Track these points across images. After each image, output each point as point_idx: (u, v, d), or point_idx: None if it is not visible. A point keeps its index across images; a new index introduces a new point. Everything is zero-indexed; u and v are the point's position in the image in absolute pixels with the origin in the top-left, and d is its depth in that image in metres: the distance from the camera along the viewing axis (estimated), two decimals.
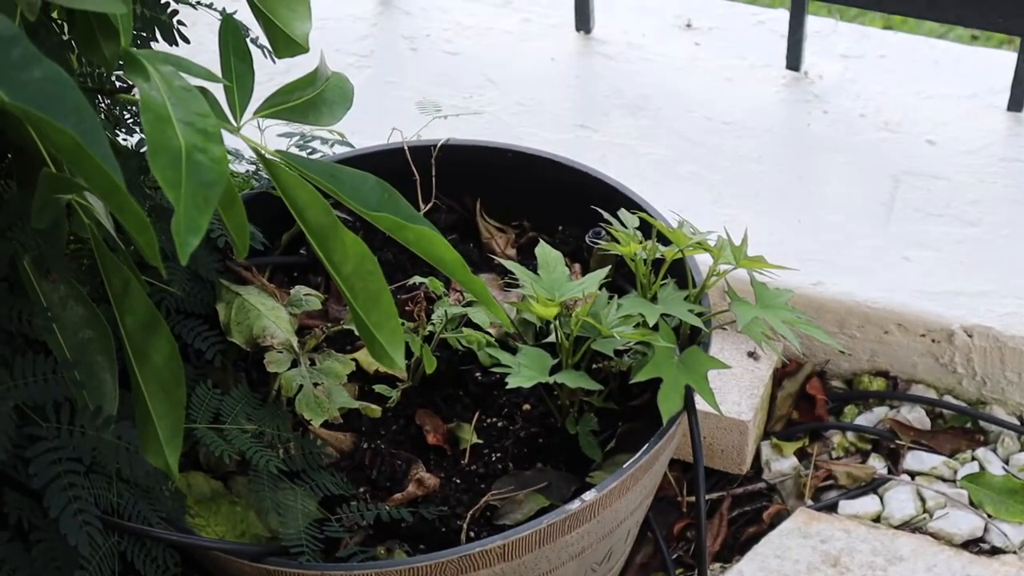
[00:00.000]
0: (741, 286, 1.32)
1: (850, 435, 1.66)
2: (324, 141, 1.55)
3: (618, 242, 1.28)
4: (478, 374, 1.38)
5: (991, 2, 1.74)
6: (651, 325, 1.22)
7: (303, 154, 1.54)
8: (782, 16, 1.96)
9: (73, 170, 0.89)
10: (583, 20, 2.02)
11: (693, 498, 1.63)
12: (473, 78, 1.97)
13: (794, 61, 1.92)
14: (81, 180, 0.94)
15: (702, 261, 1.34)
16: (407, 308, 1.36)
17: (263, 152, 1.00)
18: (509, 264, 1.31)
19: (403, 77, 1.98)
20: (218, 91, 1.00)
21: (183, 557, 1.26)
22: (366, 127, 1.63)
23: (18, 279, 1.10)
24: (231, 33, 1.04)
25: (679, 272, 1.31)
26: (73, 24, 1.07)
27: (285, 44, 1.08)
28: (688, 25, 2.03)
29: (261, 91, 1.06)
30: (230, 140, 1.02)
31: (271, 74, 1.37)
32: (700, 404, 1.27)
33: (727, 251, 1.25)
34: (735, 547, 1.60)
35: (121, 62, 1.07)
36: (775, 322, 1.20)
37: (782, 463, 1.64)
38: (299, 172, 1.01)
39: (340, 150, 1.56)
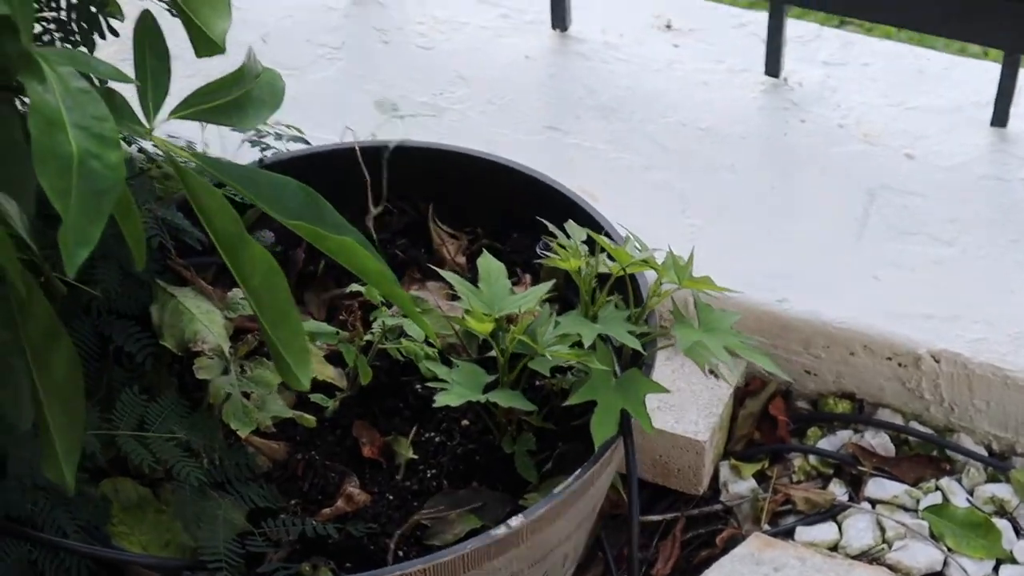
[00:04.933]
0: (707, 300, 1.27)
1: (812, 459, 1.60)
2: (279, 136, 1.51)
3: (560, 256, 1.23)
4: (418, 386, 1.33)
5: (975, 14, 1.69)
6: (587, 345, 1.17)
7: (255, 150, 1.50)
8: (765, 19, 1.89)
9: None
10: (559, 18, 1.96)
11: (649, 517, 1.59)
12: (445, 74, 1.92)
13: (773, 67, 1.86)
14: None
15: (654, 277, 1.29)
16: (341, 317, 1.32)
17: (173, 155, 0.97)
18: (448, 275, 1.27)
19: (373, 70, 1.92)
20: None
21: (101, 566, 1.22)
22: (333, 120, 1.61)
23: None
24: (148, 31, 1.01)
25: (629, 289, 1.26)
26: None
27: (204, 44, 1.03)
28: (668, 26, 1.97)
29: (195, 84, 1.02)
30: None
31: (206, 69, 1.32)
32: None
33: (672, 270, 1.20)
34: (688, 570, 1.55)
35: None
36: (716, 348, 1.15)
37: (740, 485, 1.59)
38: (214, 177, 0.97)
39: (296, 146, 1.52)
